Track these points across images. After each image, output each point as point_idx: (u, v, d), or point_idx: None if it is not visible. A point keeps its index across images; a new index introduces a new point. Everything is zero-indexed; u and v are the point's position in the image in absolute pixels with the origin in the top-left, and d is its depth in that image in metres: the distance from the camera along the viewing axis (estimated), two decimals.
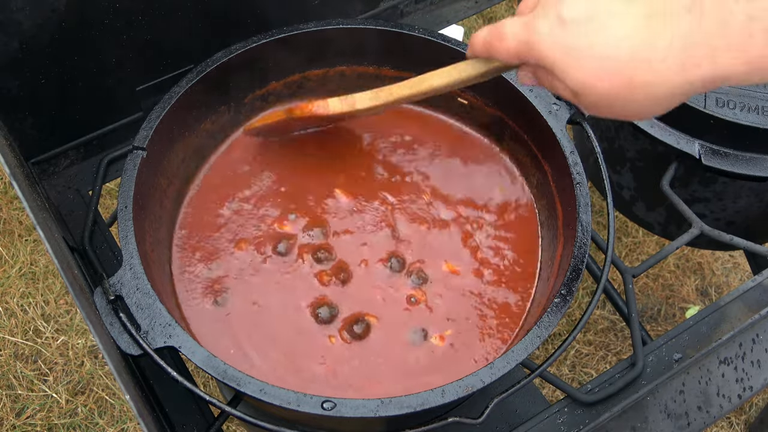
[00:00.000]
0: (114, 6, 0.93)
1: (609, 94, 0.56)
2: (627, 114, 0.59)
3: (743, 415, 1.72)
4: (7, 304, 1.77)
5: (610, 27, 0.55)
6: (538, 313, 0.79)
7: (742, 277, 1.91)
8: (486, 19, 2.33)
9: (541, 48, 0.59)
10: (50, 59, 0.94)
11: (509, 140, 0.96)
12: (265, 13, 1.06)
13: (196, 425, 0.86)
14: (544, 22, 0.58)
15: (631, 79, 0.55)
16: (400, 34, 0.94)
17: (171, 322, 0.71)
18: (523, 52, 0.62)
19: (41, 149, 1.03)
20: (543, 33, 0.58)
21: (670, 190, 1.05)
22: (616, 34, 0.55)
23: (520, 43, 0.61)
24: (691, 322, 0.96)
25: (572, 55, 0.57)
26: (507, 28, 0.63)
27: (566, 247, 0.82)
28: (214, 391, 1.60)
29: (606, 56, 0.55)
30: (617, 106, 0.57)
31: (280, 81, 0.98)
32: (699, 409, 0.91)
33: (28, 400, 1.65)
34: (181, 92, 0.86)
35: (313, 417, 0.68)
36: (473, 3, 1.29)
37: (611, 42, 0.55)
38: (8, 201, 1.93)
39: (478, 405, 0.86)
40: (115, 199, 1.76)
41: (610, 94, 0.56)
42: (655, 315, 1.84)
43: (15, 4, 0.86)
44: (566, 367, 1.75)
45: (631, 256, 1.91)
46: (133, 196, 0.79)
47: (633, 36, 0.54)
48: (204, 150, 0.96)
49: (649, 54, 0.54)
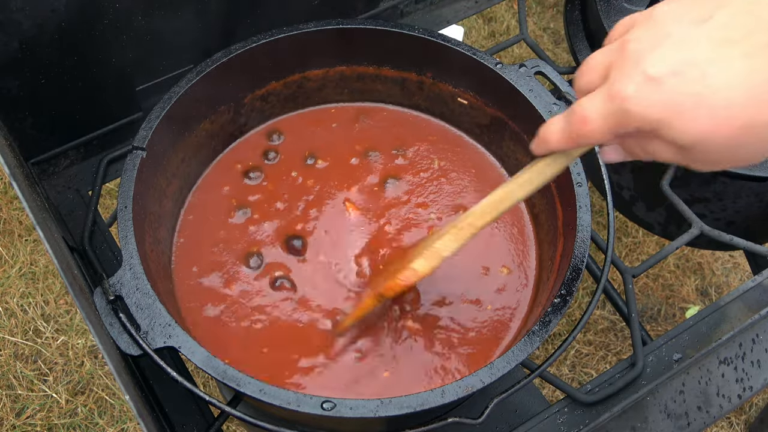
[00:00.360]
0: (114, 6, 0.93)
1: (728, 142, 0.53)
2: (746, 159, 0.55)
3: (743, 415, 1.72)
4: (7, 304, 1.77)
5: (713, 74, 0.51)
6: (538, 313, 0.79)
7: (742, 277, 1.91)
8: (486, 19, 2.34)
9: (639, 111, 0.54)
10: (50, 59, 0.94)
11: (509, 141, 0.96)
12: (265, 13, 1.06)
13: (196, 425, 0.86)
14: (630, 85, 0.54)
15: (752, 121, 0.51)
16: (400, 34, 0.94)
17: (171, 322, 0.71)
18: (618, 124, 0.56)
19: (41, 149, 1.03)
20: (634, 96, 0.54)
21: (670, 190, 1.05)
22: (723, 80, 0.51)
23: (610, 116, 0.56)
24: (691, 322, 0.96)
25: (679, 110, 0.52)
26: (588, 110, 0.58)
27: (566, 247, 0.82)
28: (214, 391, 1.60)
29: (719, 105, 0.51)
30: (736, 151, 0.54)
31: (280, 81, 0.98)
32: (699, 409, 0.91)
33: (28, 400, 1.65)
34: (181, 92, 0.86)
35: (312, 417, 0.68)
36: (473, 3, 1.29)
37: (721, 88, 0.51)
38: (8, 201, 1.93)
39: (478, 405, 0.86)
40: (115, 199, 1.76)
41: (730, 141, 0.53)
42: (655, 315, 1.84)
43: (15, 4, 0.86)
44: (566, 367, 1.75)
45: (631, 256, 1.91)
46: (133, 196, 0.79)
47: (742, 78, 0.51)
48: (204, 150, 0.96)
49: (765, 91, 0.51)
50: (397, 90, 1.02)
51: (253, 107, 0.98)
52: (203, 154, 0.96)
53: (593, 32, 1.13)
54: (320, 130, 1.01)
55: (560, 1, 2.37)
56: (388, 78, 1.00)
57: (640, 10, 1.09)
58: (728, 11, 0.52)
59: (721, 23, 0.52)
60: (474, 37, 2.29)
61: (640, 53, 0.54)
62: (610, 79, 0.56)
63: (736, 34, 0.51)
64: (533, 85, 0.89)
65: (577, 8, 1.19)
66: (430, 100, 1.01)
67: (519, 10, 1.26)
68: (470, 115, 0.99)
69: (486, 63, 0.91)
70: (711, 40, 0.52)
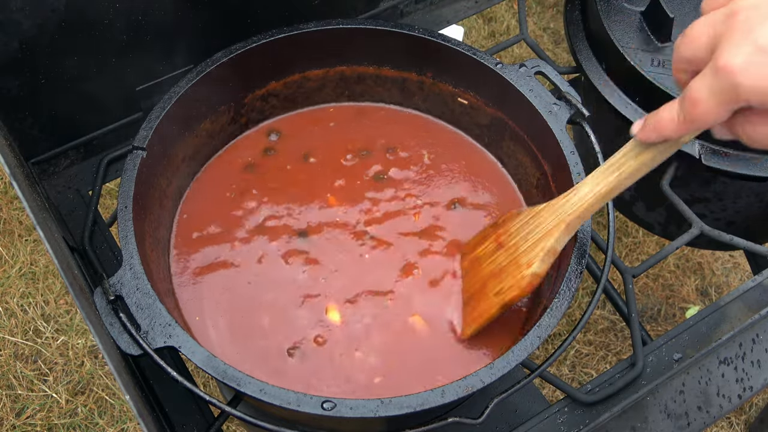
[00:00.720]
0: (114, 6, 0.93)
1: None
2: None
3: (743, 415, 1.72)
4: (7, 304, 1.77)
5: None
6: (538, 313, 0.79)
7: (742, 277, 1.91)
8: (486, 19, 2.34)
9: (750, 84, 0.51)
10: (50, 59, 0.94)
11: (509, 141, 0.96)
12: (265, 13, 1.06)
13: (196, 425, 0.86)
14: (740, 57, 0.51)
15: None
16: (400, 34, 0.94)
17: (171, 322, 0.71)
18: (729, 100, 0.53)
19: (41, 149, 1.03)
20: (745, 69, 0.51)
21: (670, 190, 1.05)
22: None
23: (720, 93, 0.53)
24: (691, 322, 0.96)
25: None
26: (698, 91, 0.55)
27: (566, 248, 0.82)
28: (214, 391, 1.60)
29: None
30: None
31: (280, 81, 0.98)
32: (699, 409, 0.91)
33: (28, 400, 1.65)
34: (181, 92, 0.86)
35: (313, 417, 0.68)
36: (473, 3, 1.29)
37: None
38: (8, 201, 1.93)
39: (478, 405, 0.86)
40: (115, 199, 1.76)
41: None
42: (655, 315, 1.84)
43: (15, 4, 0.86)
44: (566, 367, 1.75)
45: (631, 256, 1.91)
46: (133, 196, 0.79)
47: None
48: (204, 150, 0.96)
49: None
50: (397, 90, 1.02)
51: (253, 107, 0.98)
52: (203, 154, 0.96)
53: (593, 32, 1.13)
54: (318, 129, 1.01)
55: (560, 1, 2.37)
56: (388, 78, 1.00)
57: (639, 10, 1.10)
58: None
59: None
60: (474, 37, 2.29)
61: (751, 23, 0.51)
62: (718, 51, 0.53)
63: None
64: (533, 85, 0.89)
65: (577, 8, 1.18)
66: (430, 100, 1.01)
67: (519, 10, 1.26)
68: (470, 115, 0.99)
69: (486, 63, 0.91)
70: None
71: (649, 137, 0.63)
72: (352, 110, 1.03)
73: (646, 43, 1.07)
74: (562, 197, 0.74)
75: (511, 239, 0.79)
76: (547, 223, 0.75)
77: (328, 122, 1.02)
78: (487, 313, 0.80)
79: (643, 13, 1.09)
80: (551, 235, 0.74)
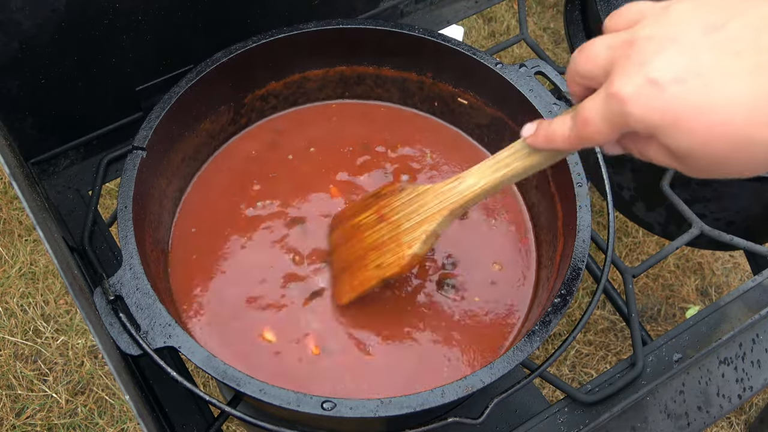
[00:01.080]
0: (114, 6, 0.93)
1: (722, 156, 0.51)
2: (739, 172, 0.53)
3: (743, 415, 1.72)
4: (7, 304, 1.77)
5: (716, 87, 0.49)
6: (538, 313, 0.79)
7: (742, 277, 1.91)
8: (486, 19, 2.34)
9: (638, 114, 0.52)
10: (50, 59, 0.94)
11: (509, 141, 0.96)
12: (265, 13, 1.06)
13: (196, 425, 0.86)
14: (631, 87, 0.52)
15: (750, 139, 0.49)
16: (400, 34, 0.94)
17: (171, 322, 0.71)
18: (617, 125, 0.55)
19: (41, 149, 1.03)
20: (634, 100, 0.52)
21: (670, 190, 1.05)
22: (725, 95, 0.49)
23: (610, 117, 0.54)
24: (691, 322, 0.96)
25: (677, 119, 0.51)
26: (588, 112, 0.56)
27: (566, 247, 0.82)
28: (214, 391, 1.60)
29: (719, 121, 0.49)
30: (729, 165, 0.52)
31: (280, 81, 0.98)
32: (699, 409, 0.91)
33: (28, 400, 1.65)
34: (181, 92, 0.86)
35: (312, 417, 0.68)
36: (473, 3, 1.29)
37: (723, 103, 0.49)
38: (8, 201, 1.93)
39: (478, 405, 0.86)
40: (115, 199, 1.76)
41: (724, 155, 0.51)
42: (655, 315, 1.84)
43: (15, 4, 0.86)
44: (566, 367, 1.75)
45: (631, 256, 1.91)
46: (133, 196, 0.79)
47: (745, 95, 0.49)
48: (204, 150, 0.96)
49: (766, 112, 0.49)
50: (396, 90, 1.02)
51: (253, 107, 0.98)
52: (203, 154, 0.96)
53: (593, 32, 1.13)
54: (321, 125, 1.01)
55: (560, 1, 2.37)
56: (388, 78, 1.00)
57: None
58: (741, 22, 0.50)
59: (732, 34, 0.50)
60: (474, 37, 2.29)
61: (645, 54, 0.52)
62: (612, 76, 0.54)
63: (745, 48, 0.49)
64: (533, 85, 0.89)
65: (577, 8, 1.19)
66: (430, 100, 1.01)
67: (519, 10, 1.26)
68: (470, 115, 0.99)
69: (486, 63, 0.91)
70: (719, 51, 0.50)
71: (538, 144, 0.65)
72: (354, 107, 1.03)
73: None
74: (447, 183, 0.76)
75: (394, 214, 0.80)
76: (430, 206, 0.77)
77: (330, 117, 1.02)
78: (367, 283, 0.81)
79: None
80: (434, 219, 0.76)
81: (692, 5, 0.53)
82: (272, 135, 1.00)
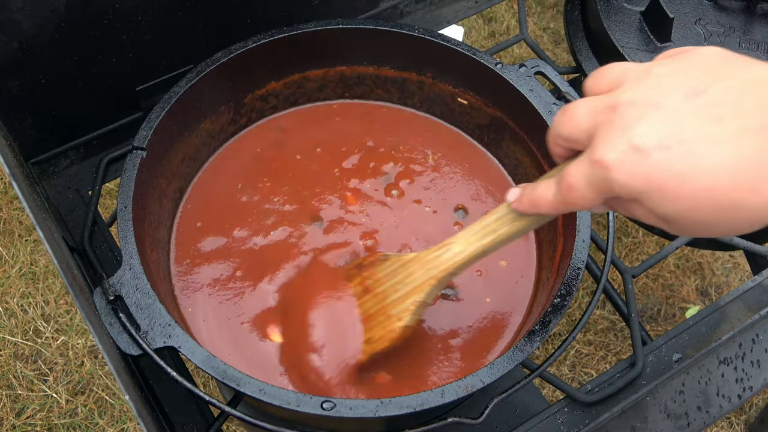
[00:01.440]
0: (114, 6, 0.93)
1: (708, 220, 0.51)
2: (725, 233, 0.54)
3: (743, 415, 1.72)
4: (7, 304, 1.77)
5: (700, 154, 0.49)
6: (538, 313, 0.79)
7: (742, 277, 1.91)
8: (486, 19, 2.34)
9: (622, 181, 0.52)
10: (50, 59, 0.94)
11: (509, 141, 0.96)
12: (265, 13, 1.06)
13: (196, 425, 0.86)
14: (614, 154, 0.52)
15: (735, 204, 0.49)
16: (400, 34, 0.94)
17: (171, 322, 0.71)
18: (602, 191, 0.55)
19: (41, 149, 1.03)
20: (618, 167, 0.52)
21: None
22: (709, 161, 0.49)
23: (594, 184, 0.54)
24: (691, 322, 0.96)
25: (662, 185, 0.50)
26: (573, 177, 0.56)
27: (566, 248, 0.82)
28: (214, 391, 1.60)
29: (704, 187, 0.49)
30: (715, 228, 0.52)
31: (280, 81, 0.98)
32: (699, 409, 0.91)
33: (28, 400, 1.65)
34: (181, 92, 0.86)
35: (312, 417, 0.68)
36: (473, 3, 1.29)
37: (707, 169, 0.49)
38: (8, 201, 1.93)
39: (478, 405, 0.86)
40: (115, 199, 1.76)
41: (710, 219, 0.51)
42: (655, 315, 1.84)
43: (15, 4, 0.86)
44: (566, 367, 1.75)
45: (631, 256, 1.91)
46: (133, 196, 0.79)
47: (728, 161, 0.49)
48: (204, 150, 0.96)
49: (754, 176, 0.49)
50: (396, 90, 1.02)
51: (253, 107, 0.98)
52: (203, 154, 0.96)
53: (593, 32, 1.13)
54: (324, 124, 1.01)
55: (560, 1, 2.37)
56: (388, 78, 1.00)
57: (639, 10, 1.10)
58: (723, 86, 0.50)
59: (713, 100, 0.50)
60: (474, 37, 2.29)
61: (628, 120, 0.52)
62: (595, 141, 0.54)
63: (726, 113, 0.49)
64: (533, 85, 0.90)
65: (577, 8, 1.19)
66: (430, 100, 1.01)
67: (519, 10, 1.26)
68: (470, 115, 0.99)
69: (486, 63, 0.91)
70: (702, 117, 0.50)
71: (523, 209, 0.65)
72: (355, 107, 1.03)
73: (645, 43, 1.07)
74: (432, 251, 0.75)
75: (379, 286, 0.79)
76: (416, 276, 0.75)
77: (333, 117, 1.02)
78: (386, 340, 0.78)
79: (643, 13, 1.09)
80: (422, 289, 0.75)
81: (673, 68, 0.53)
82: (276, 133, 1.00)
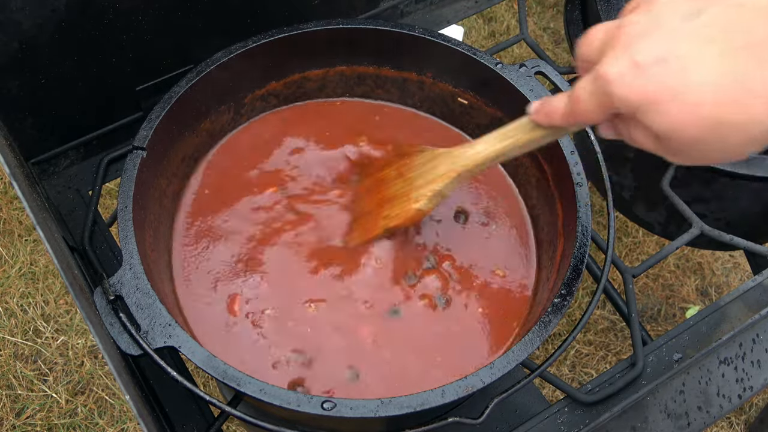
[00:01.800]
0: (114, 6, 0.93)
1: (697, 137, 0.53)
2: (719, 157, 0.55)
3: (743, 415, 1.72)
4: (7, 304, 1.77)
5: (690, 70, 0.52)
6: (538, 313, 0.79)
7: (742, 277, 1.91)
8: (486, 19, 2.34)
9: (621, 94, 0.55)
10: (50, 59, 0.94)
11: None
12: (265, 13, 1.06)
13: (196, 425, 0.86)
14: (616, 68, 0.55)
15: (718, 120, 0.52)
16: (400, 34, 0.94)
17: (171, 322, 0.71)
18: (603, 104, 0.58)
19: (41, 149, 1.03)
20: (618, 80, 0.55)
21: (670, 190, 1.05)
22: (696, 77, 0.52)
23: (596, 96, 0.58)
24: (691, 322, 0.96)
25: (655, 99, 0.54)
26: (579, 90, 0.60)
27: (566, 247, 0.82)
28: (214, 391, 1.60)
29: (691, 102, 0.52)
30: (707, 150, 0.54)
31: (280, 81, 0.98)
32: (699, 409, 0.91)
33: (28, 400, 1.65)
34: (181, 92, 0.86)
35: (313, 417, 0.68)
36: (473, 3, 1.29)
37: (692, 86, 0.52)
38: (8, 201, 1.93)
39: (478, 405, 0.86)
40: (115, 199, 1.76)
41: (699, 136, 0.53)
42: (655, 315, 1.84)
43: (15, 4, 0.86)
44: (566, 367, 1.75)
45: (631, 256, 1.91)
46: (133, 196, 0.79)
47: (714, 77, 0.51)
48: (204, 150, 0.96)
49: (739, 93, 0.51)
50: (396, 90, 1.02)
51: (253, 107, 0.98)
52: (203, 154, 0.96)
53: None
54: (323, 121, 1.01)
55: (560, 1, 2.37)
56: (388, 78, 1.00)
57: None
58: (717, 9, 0.53)
59: (707, 20, 0.53)
60: (474, 37, 2.29)
61: (631, 38, 0.55)
62: (604, 59, 0.57)
63: (717, 33, 0.52)
64: (533, 85, 0.90)
65: (577, 8, 1.19)
66: (431, 100, 1.01)
67: (519, 10, 1.26)
68: (470, 115, 0.99)
69: (486, 63, 0.91)
70: (696, 36, 0.53)
71: (539, 120, 0.69)
72: (356, 106, 1.03)
73: None
74: (459, 148, 0.80)
75: (410, 172, 0.85)
76: (441, 168, 0.81)
77: (336, 114, 1.02)
78: (372, 232, 0.86)
79: None
80: (442, 179, 0.81)
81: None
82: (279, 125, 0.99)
